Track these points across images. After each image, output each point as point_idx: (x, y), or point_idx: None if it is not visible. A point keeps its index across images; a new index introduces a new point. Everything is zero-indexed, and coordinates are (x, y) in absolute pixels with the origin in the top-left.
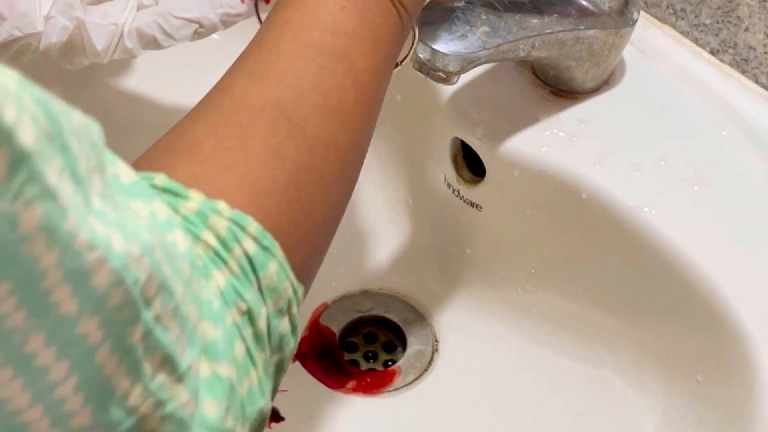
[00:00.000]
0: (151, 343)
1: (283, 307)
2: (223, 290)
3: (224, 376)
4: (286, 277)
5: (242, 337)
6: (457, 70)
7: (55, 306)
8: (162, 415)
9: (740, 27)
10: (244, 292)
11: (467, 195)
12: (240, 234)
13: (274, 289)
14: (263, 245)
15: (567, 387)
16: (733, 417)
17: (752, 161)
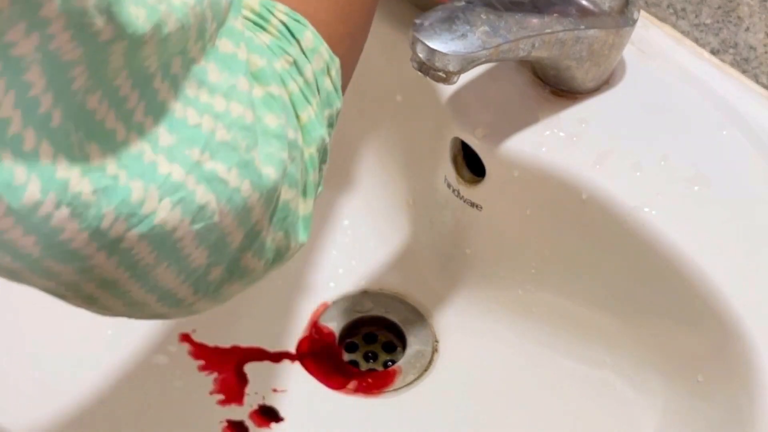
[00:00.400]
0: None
1: (324, 68)
2: (269, 45)
3: (277, 95)
4: (321, 44)
5: (294, 79)
6: (457, 70)
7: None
8: (225, 124)
9: (741, 27)
10: (288, 48)
11: (467, 195)
12: (272, 8)
13: (314, 50)
14: (295, 18)
15: (567, 387)
16: (733, 417)
17: (752, 161)
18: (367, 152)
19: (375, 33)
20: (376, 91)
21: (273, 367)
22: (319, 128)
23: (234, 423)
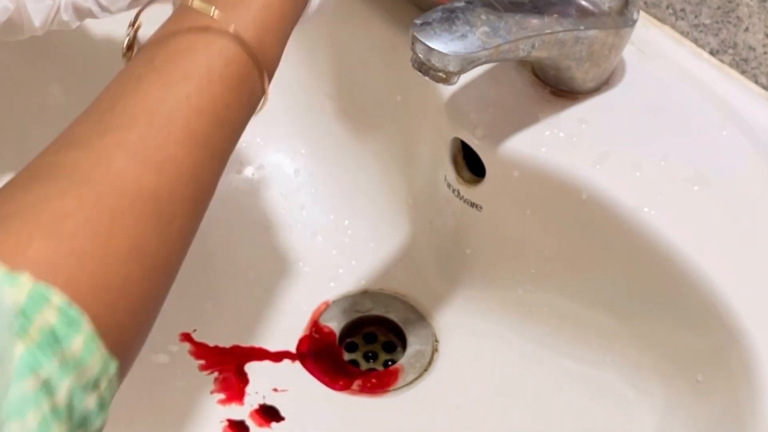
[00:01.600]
0: None
1: (90, 381)
2: (19, 360)
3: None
4: (95, 351)
5: (38, 407)
6: (457, 70)
7: None
8: None
9: (740, 27)
10: (44, 362)
11: (467, 195)
12: (42, 303)
13: (80, 361)
14: (69, 316)
15: (567, 387)
16: (733, 417)
17: (752, 161)
18: (367, 152)
19: (375, 33)
20: (376, 91)
21: (274, 367)
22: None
23: (235, 422)
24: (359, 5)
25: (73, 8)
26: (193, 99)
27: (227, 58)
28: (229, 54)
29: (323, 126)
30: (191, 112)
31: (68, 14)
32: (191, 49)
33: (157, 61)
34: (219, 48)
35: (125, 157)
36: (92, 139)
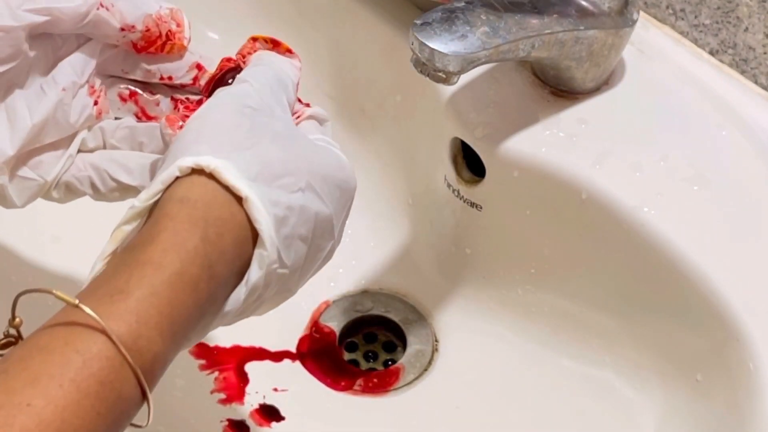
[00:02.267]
0: None
1: None
2: None
3: None
4: None
5: None
6: (457, 70)
7: None
8: None
9: (740, 27)
10: None
11: (467, 195)
12: None
13: None
14: None
15: (567, 387)
16: (732, 416)
17: (752, 161)
18: (367, 152)
19: (375, 33)
20: (376, 91)
21: (274, 367)
22: None
23: (235, 422)
24: (359, 5)
25: (66, 187)
26: (36, 407)
27: (87, 358)
28: (90, 353)
29: None
30: (31, 423)
31: (59, 192)
32: (47, 348)
33: (8, 362)
34: (79, 346)
35: None
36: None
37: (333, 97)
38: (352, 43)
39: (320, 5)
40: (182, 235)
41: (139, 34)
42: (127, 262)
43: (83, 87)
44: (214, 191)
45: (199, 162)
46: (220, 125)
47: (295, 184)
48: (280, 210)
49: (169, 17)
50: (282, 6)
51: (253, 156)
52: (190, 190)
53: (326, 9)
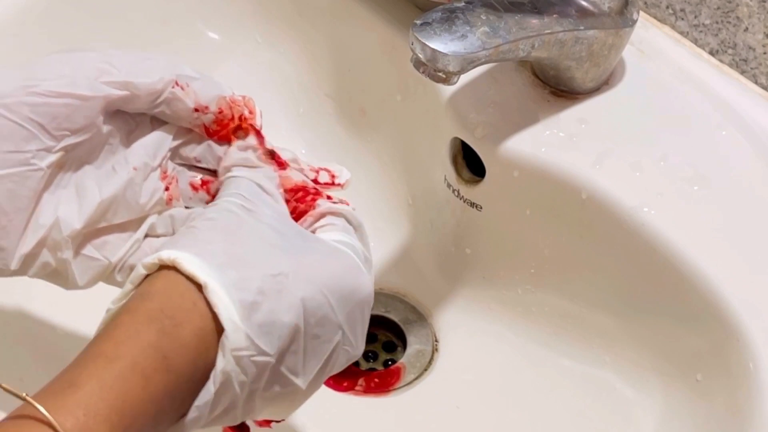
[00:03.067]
0: None
1: None
2: None
3: None
4: None
5: None
6: (457, 70)
7: None
8: None
9: (740, 27)
10: None
11: (467, 195)
12: None
13: None
14: None
15: (567, 387)
16: (732, 416)
17: (752, 161)
18: (367, 152)
19: (375, 33)
20: (376, 91)
21: None
22: None
23: None
24: (359, 5)
25: (130, 270)
26: None
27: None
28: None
29: (323, 126)
30: None
31: (122, 275)
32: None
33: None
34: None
35: None
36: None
37: (333, 97)
38: (352, 43)
39: (320, 5)
40: (137, 327)
41: (212, 116)
42: (82, 356)
43: (155, 171)
44: (175, 282)
45: (160, 256)
46: (199, 227)
47: (272, 269)
48: (249, 294)
49: (242, 102)
50: (282, 6)
51: (224, 246)
52: (151, 284)
53: (326, 9)
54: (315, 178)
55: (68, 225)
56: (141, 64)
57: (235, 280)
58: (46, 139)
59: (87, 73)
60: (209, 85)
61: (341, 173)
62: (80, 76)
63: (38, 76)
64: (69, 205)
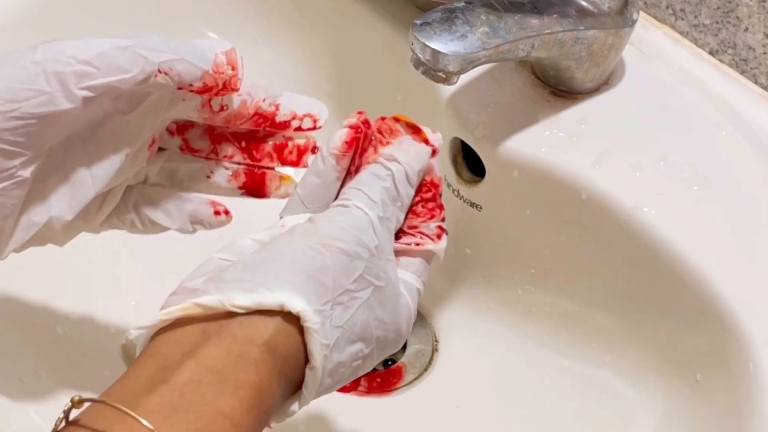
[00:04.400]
0: None
1: None
2: None
3: None
4: None
5: None
6: (457, 70)
7: None
8: None
9: (739, 27)
10: None
11: (467, 195)
12: None
13: None
14: None
15: (567, 387)
16: (732, 416)
17: (751, 161)
18: None
19: (375, 33)
20: (376, 91)
21: None
22: None
23: None
24: (359, 5)
25: (108, 226)
26: None
27: None
28: None
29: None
30: None
31: (102, 228)
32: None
33: None
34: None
35: None
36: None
37: (333, 97)
38: (352, 43)
39: (320, 5)
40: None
41: (198, 87)
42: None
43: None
44: (297, 343)
45: (288, 306)
46: (308, 270)
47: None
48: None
49: (225, 63)
50: (282, 6)
51: (312, 278)
52: (276, 339)
53: (326, 9)
54: (299, 126)
55: (61, 220)
56: (120, 55)
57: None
58: (30, 151)
59: (65, 80)
60: (192, 63)
61: (321, 113)
62: (58, 86)
63: (16, 96)
64: (61, 202)
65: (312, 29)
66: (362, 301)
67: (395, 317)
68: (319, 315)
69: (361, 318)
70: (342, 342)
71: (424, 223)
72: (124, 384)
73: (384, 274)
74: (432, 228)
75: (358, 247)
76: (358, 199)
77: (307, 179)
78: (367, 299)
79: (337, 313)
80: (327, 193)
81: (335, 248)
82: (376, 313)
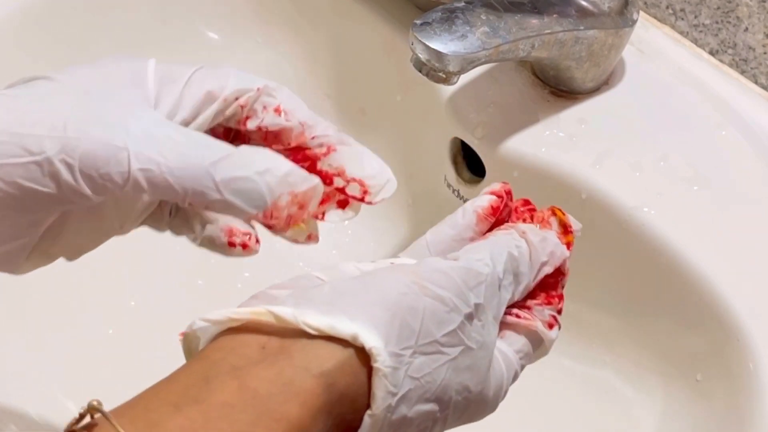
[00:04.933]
0: None
1: None
2: None
3: None
4: None
5: None
6: (457, 70)
7: None
8: None
9: (739, 27)
10: None
11: (467, 195)
12: None
13: None
14: None
15: (567, 387)
16: (732, 416)
17: (751, 161)
18: None
19: (375, 33)
20: (376, 91)
21: None
22: None
23: None
24: (359, 5)
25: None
26: None
27: None
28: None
29: None
30: None
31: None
32: None
33: None
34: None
35: None
36: None
37: (333, 97)
38: (352, 43)
39: (320, 5)
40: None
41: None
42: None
43: None
44: (361, 384)
45: (362, 338)
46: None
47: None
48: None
49: (288, 204)
50: (282, 6)
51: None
52: (336, 372)
53: (326, 9)
54: (343, 188)
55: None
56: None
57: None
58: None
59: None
60: (240, 209)
61: (379, 188)
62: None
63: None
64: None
65: (312, 29)
66: (449, 358)
67: (482, 388)
68: (395, 359)
69: (443, 376)
70: (414, 396)
71: (539, 306)
72: (162, 389)
73: (480, 338)
74: (546, 315)
75: (458, 299)
76: (477, 253)
77: (441, 228)
78: (455, 358)
79: (417, 363)
80: (456, 246)
81: (432, 292)
82: (461, 376)
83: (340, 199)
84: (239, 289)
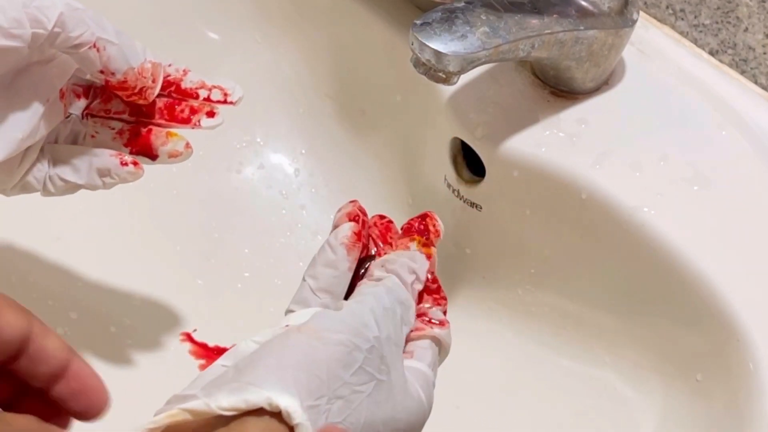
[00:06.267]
0: None
1: None
2: None
3: None
4: None
5: None
6: (457, 70)
7: None
8: None
9: (739, 27)
10: None
11: (467, 195)
12: None
13: None
14: None
15: (567, 387)
16: (732, 416)
17: (751, 161)
18: (367, 152)
19: (375, 33)
20: (376, 91)
21: None
22: None
23: None
24: (359, 5)
25: (22, 188)
26: None
27: None
28: None
29: (323, 126)
30: None
31: (14, 191)
32: None
33: None
34: None
35: None
36: None
37: (333, 97)
38: (352, 43)
39: (320, 5)
40: None
41: (115, 81)
42: None
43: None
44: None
45: (275, 401)
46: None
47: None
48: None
49: (149, 71)
50: (282, 6)
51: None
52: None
53: (326, 9)
54: (208, 96)
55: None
56: (70, 15)
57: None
58: None
59: (21, 18)
60: (123, 54)
61: (234, 91)
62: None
63: None
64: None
65: (312, 29)
66: (365, 395)
67: (406, 414)
68: (312, 411)
69: (364, 413)
70: None
71: (431, 308)
72: None
73: (387, 368)
74: (439, 314)
75: (356, 338)
76: (361, 297)
77: (318, 270)
78: (371, 393)
79: (336, 407)
80: (340, 283)
81: (330, 339)
82: (383, 409)
83: (208, 110)
84: (239, 289)
